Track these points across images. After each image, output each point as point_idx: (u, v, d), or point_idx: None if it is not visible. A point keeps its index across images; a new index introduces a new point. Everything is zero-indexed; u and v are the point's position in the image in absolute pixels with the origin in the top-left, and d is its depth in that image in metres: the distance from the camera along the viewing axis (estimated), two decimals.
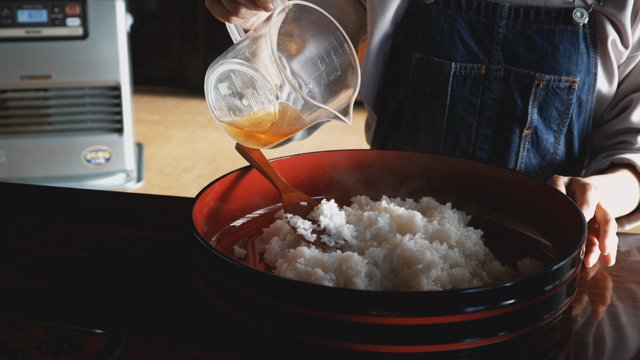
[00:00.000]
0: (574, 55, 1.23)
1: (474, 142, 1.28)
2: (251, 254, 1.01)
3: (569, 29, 1.23)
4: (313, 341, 0.80)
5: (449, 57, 1.26)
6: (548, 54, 1.24)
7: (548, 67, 1.24)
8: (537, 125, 1.26)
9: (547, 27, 1.24)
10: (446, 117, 1.28)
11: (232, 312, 0.85)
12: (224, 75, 0.97)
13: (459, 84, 1.26)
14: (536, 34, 1.24)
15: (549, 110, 1.25)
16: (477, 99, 1.27)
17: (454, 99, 1.27)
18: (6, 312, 0.90)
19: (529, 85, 1.24)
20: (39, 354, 0.72)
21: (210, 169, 3.58)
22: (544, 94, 1.24)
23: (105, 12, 2.95)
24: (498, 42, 1.25)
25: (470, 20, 1.26)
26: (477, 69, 1.26)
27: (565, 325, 0.90)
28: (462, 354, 0.81)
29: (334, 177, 1.14)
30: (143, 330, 0.87)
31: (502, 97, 1.26)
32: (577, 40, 1.23)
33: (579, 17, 1.22)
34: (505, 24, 1.24)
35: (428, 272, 0.88)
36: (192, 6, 4.56)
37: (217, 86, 0.97)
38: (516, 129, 1.26)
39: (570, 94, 1.24)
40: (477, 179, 1.11)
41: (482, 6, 1.25)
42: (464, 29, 1.26)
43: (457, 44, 1.26)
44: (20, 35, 2.92)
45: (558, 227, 1.00)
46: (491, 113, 1.27)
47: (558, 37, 1.23)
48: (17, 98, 2.99)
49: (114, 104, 3.07)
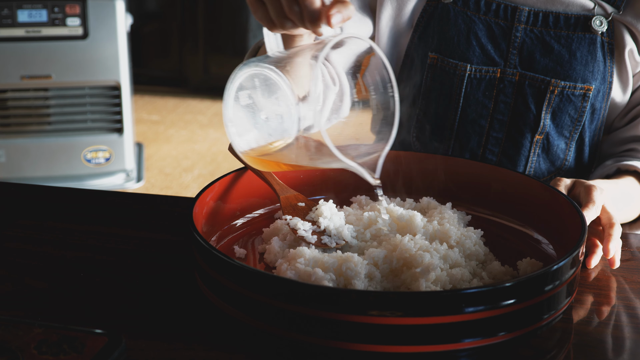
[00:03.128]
0: (590, 63, 1.23)
1: (484, 144, 1.28)
2: (251, 254, 1.01)
3: (587, 36, 1.23)
4: (313, 341, 0.80)
5: (465, 59, 1.25)
6: (565, 61, 1.23)
7: (564, 73, 1.23)
8: (549, 131, 1.26)
9: (565, 34, 1.23)
10: (458, 118, 1.27)
11: (232, 312, 0.85)
12: (253, 80, 0.89)
13: (473, 87, 1.26)
14: (554, 40, 1.23)
15: (562, 116, 1.25)
16: (490, 102, 1.26)
17: (467, 101, 1.27)
18: (6, 312, 0.90)
19: (543, 91, 1.24)
20: (39, 354, 0.72)
21: (210, 169, 3.58)
22: (558, 100, 1.24)
23: (105, 12, 2.95)
24: (515, 46, 1.24)
25: (488, 23, 1.25)
26: (493, 72, 1.25)
27: (565, 325, 0.90)
28: (462, 354, 0.81)
29: (334, 176, 1.14)
30: (143, 330, 0.87)
31: (515, 102, 1.26)
32: (595, 48, 1.23)
33: (598, 25, 1.22)
34: (523, 28, 1.24)
35: (427, 275, 0.88)
36: (192, 6, 4.56)
37: (239, 95, 0.88)
38: (528, 133, 1.26)
39: (584, 101, 1.24)
40: (478, 179, 1.11)
41: (502, 9, 1.25)
42: (481, 31, 1.25)
43: (473, 46, 1.25)
44: (20, 35, 2.92)
45: (558, 227, 1.00)
46: (503, 117, 1.27)
47: (576, 44, 1.23)
48: (17, 98, 2.99)
49: (114, 104, 3.07)
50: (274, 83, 0.86)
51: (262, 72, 0.87)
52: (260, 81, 0.87)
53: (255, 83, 0.88)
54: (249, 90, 0.88)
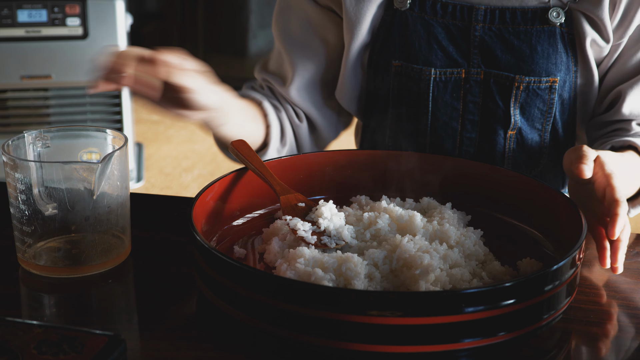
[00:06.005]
0: (552, 56, 1.22)
1: (459, 145, 1.27)
2: (251, 254, 1.01)
3: (546, 29, 1.22)
4: (313, 341, 0.80)
5: (428, 63, 1.24)
6: (526, 56, 1.22)
7: (527, 68, 1.22)
8: (521, 126, 1.25)
9: (523, 29, 1.22)
10: (430, 122, 1.27)
11: (232, 312, 0.85)
12: None
13: (440, 90, 1.25)
14: (513, 36, 1.22)
15: (531, 110, 1.24)
16: (459, 104, 1.26)
17: (436, 105, 1.26)
18: (6, 312, 0.90)
19: (509, 88, 1.23)
20: (39, 354, 0.72)
21: (210, 169, 3.58)
22: (525, 95, 1.23)
23: (105, 12, 2.95)
24: (475, 45, 1.23)
25: (446, 25, 1.24)
26: (457, 73, 1.24)
27: (565, 325, 0.90)
28: (462, 354, 0.81)
29: (334, 177, 1.14)
30: (143, 330, 0.87)
31: (483, 100, 1.25)
32: (555, 40, 1.22)
33: (555, 17, 1.21)
34: (481, 27, 1.23)
35: (426, 277, 0.88)
36: (192, 6, 4.56)
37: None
38: (500, 130, 1.26)
39: (551, 93, 1.23)
40: (477, 179, 1.11)
41: (458, 10, 1.23)
42: (440, 34, 1.24)
43: (435, 50, 1.24)
44: (20, 35, 2.91)
45: (558, 227, 1.00)
46: (474, 116, 1.26)
47: (535, 38, 1.22)
48: (17, 98, 2.99)
49: (114, 104, 3.07)
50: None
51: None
52: None
53: None
54: None
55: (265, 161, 1.09)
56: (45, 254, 0.97)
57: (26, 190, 0.94)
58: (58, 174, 0.94)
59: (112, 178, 0.96)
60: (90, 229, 0.97)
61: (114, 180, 0.96)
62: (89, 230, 0.97)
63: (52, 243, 0.97)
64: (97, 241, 0.97)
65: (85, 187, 0.95)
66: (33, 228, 0.96)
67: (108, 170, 0.94)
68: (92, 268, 0.97)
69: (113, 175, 0.96)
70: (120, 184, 0.98)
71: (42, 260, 0.97)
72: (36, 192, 0.94)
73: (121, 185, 0.98)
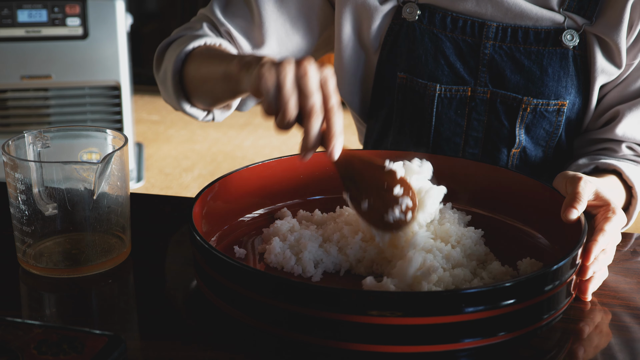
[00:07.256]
0: (563, 78, 1.19)
1: None
2: (251, 254, 1.01)
3: (558, 51, 1.18)
4: (313, 341, 0.80)
5: (434, 79, 1.21)
6: (536, 77, 1.19)
7: (536, 90, 1.19)
8: (526, 145, 1.23)
9: (535, 49, 1.19)
10: (432, 136, 1.24)
11: (232, 312, 0.85)
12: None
13: (444, 106, 1.22)
14: (524, 56, 1.19)
15: (536, 130, 1.22)
16: (463, 120, 1.23)
17: (439, 120, 1.23)
18: (6, 312, 0.90)
19: (516, 109, 1.20)
20: (39, 354, 0.72)
21: (210, 168, 3.58)
22: (532, 117, 1.20)
23: (105, 12, 2.95)
24: (484, 64, 1.20)
25: (455, 40, 1.20)
26: (463, 91, 1.21)
27: (565, 325, 0.90)
28: (462, 354, 0.81)
29: (334, 176, 1.14)
30: (143, 330, 0.87)
31: (488, 119, 1.22)
32: (567, 62, 1.19)
33: (569, 39, 1.17)
34: (491, 45, 1.19)
35: (428, 277, 0.88)
36: (192, 6, 4.56)
37: None
38: (504, 148, 1.23)
39: (559, 116, 1.20)
40: (478, 179, 1.11)
41: (468, 25, 1.20)
42: (449, 49, 1.20)
43: (442, 65, 1.21)
44: (20, 35, 2.92)
45: (558, 227, 1.00)
46: (478, 134, 1.23)
47: (547, 60, 1.18)
48: (17, 98, 2.99)
49: (114, 104, 3.07)
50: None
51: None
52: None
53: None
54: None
55: (264, 161, 1.09)
56: (45, 254, 0.97)
57: (26, 190, 0.94)
58: (58, 174, 0.94)
59: (112, 178, 0.96)
60: (90, 229, 0.97)
61: (114, 180, 0.96)
62: (89, 230, 0.97)
63: (52, 243, 0.97)
64: (97, 241, 0.97)
65: (85, 187, 0.95)
66: (33, 228, 0.96)
67: (108, 170, 0.94)
68: (92, 268, 0.97)
69: (113, 175, 0.96)
70: (120, 184, 0.98)
71: (42, 260, 0.96)
72: (36, 192, 0.94)
73: (121, 185, 0.98)
